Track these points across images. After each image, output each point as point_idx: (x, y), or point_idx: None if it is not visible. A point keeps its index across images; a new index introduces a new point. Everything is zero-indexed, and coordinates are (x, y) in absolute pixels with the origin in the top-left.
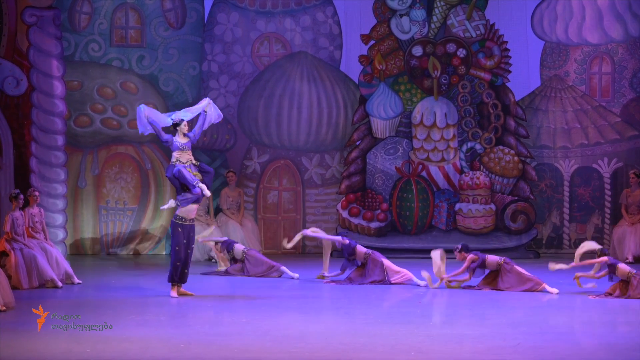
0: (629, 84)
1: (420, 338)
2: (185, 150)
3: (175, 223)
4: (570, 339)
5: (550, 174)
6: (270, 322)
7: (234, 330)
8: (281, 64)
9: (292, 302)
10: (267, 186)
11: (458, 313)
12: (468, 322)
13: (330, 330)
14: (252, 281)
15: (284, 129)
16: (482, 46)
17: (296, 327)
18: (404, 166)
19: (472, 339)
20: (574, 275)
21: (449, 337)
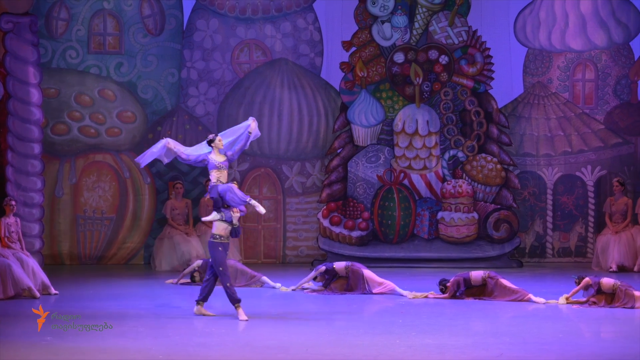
0: (613, 91)
1: (402, 348)
2: (222, 169)
3: (215, 243)
4: (554, 349)
5: (533, 182)
6: (250, 332)
7: (214, 341)
8: (261, 71)
9: (272, 312)
10: (247, 195)
11: (440, 323)
12: (451, 332)
13: (311, 340)
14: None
15: (264, 136)
16: (465, 53)
17: (277, 337)
18: (385, 174)
19: (454, 349)
20: (565, 300)
21: (431, 347)
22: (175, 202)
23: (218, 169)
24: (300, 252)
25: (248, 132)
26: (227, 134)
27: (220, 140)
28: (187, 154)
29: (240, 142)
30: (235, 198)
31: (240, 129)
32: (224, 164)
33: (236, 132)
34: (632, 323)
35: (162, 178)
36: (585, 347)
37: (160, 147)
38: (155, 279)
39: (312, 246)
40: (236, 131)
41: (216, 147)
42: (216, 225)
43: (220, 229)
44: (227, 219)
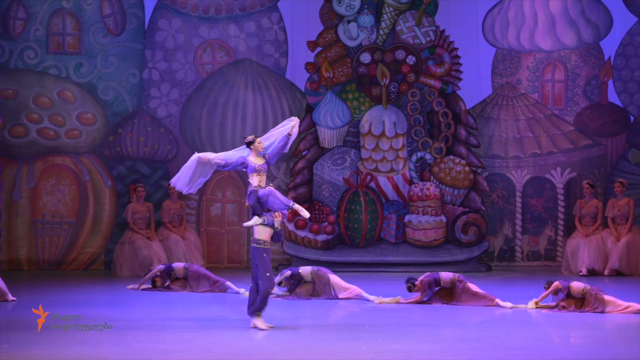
0: (583, 91)
1: (369, 355)
2: (262, 172)
3: (259, 249)
4: (524, 355)
5: (502, 184)
6: (213, 339)
7: (176, 348)
8: (225, 72)
9: (236, 318)
10: (211, 198)
11: (408, 328)
12: (419, 337)
13: (276, 347)
14: (195, 297)
15: (228, 138)
16: (432, 53)
17: (240, 344)
18: (351, 177)
19: (422, 355)
20: (535, 304)
21: (399, 353)
22: (136, 205)
23: (257, 172)
24: None
25: (287, 134)
26: (268, 137)
27: (260, 143)
28: (225, 160)
29: (278, 143)
30: (277, 202)
31: (281, 132)
32: (263, 167)
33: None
34: (603, 328)
35: (123, 181)
36: (555, 352)
37: (191, 164)
38: (116, 284)
39: (277, 250)
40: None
41: (255, 149)
42: (258, 230)
43: (263, 234)
44: (269, 223)
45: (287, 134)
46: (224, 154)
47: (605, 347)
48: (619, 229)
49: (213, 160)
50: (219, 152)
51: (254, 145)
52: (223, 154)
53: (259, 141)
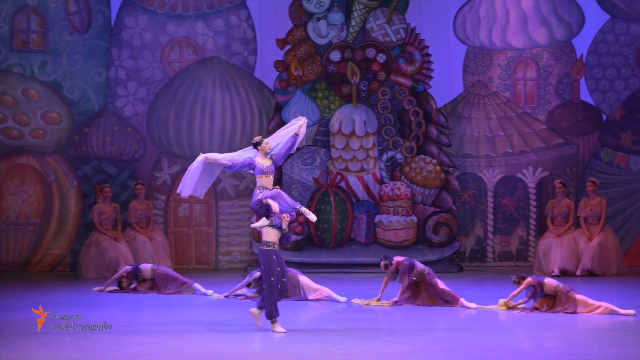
0: (555, 90)
1: (339, 357)
2: (269, 175)
3: (267, 251)
4: (496, 356)
5: (474, 184)
6: (181, 341)
7: (143, 351)
8: (193, 70)
9: (205, 321)
10: (178, 199)
11: (379, 330)
12: (389, 339)
13: (245, 349)
14: (163, 298)
15: (196, 138)
16: (403, 51)
17: (209, 347)
18: (321, 177)
19: (393, 357)
20: (506, 304)
21: (370, 355)
22: (103, 206)
23: (265, 174)
24: (234, 257)
25: (295, 134)
26: (275, 137)
27: (267, 143)
28: (232, 161)
29: (285, 144)
30: (284, 204)
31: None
32: (270, 169)
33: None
34: (574, 329)
35: (89, 181)
36: (527, 354)
37: (198, 165)
38: (82, 286)
39: (246, 251)
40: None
41: (262, 150)
42: (266, 231)
43: (271, 236)
44: (277, 225)
45: (295, 133)
46: (231, 155)
47: (577, 348)
48: (591, 228)
49: (220, 160)
50: (186, 151)
51: (261, 146)
52: (230, 154)
53: (267, 142)
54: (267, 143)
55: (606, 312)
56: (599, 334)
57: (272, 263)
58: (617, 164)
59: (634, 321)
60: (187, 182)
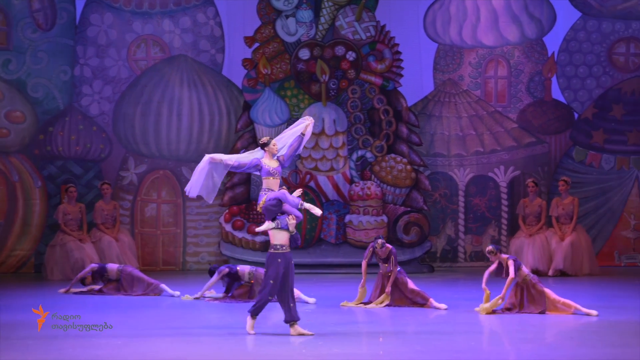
0: (526, 88)
1: (309, 358)
2: (276, 176)
3: (274, 254)
4: (468, 357)
5: (445, 183)
6: (148, 344)
7: (108, 353)
8: (159, 68)
9: (172, 323)
10: (145, 198)
11: (349, 331)
12: (360, 341)
13: (213, 352)
14: (130, 300)
15: (163, 137)
16: (373, 49)
17: (176, 350)
18: (290, 176)
19: (363, 359)
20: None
21: (340, 356)
22: (68, 206)
23: (272, 175)
24: (202, 258)
25: (301, 134)
26: (281, 138)
27: (275, 145)
28: (238, 161)
29: (291, 144)
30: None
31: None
32: (277, 170)
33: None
34: (547, 330)
35: (54, 181)
36: (499, 354)
37: (204, 166)
38: (47, 288)
39: (214, 252)
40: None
41: (270, 151)
42: (273, 234)
43: (279, 238)
44: (283, 227)
45: (301, 133)
46: (237, 156)
47: (549, 349)
48: (563, 228)
49: (225, 161)
50: (153, 150)
51: (269, 147)
52: (236, 155)
53: (274, 143)
54: (274, 144)
55: (570, 312)
56: (571, 334)
57: (277, 266)
58: (589, 163)
59: (606, 322)
60: (194, 183)
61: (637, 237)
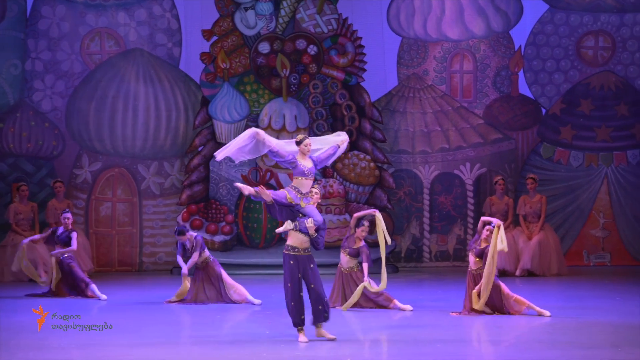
0: (492, 83)
1: None
2: (309, 177)
3: (286, 255)
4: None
5: (409, 181)
6: (103, 348)
7: (60, 357)
8: (114, 63)
9: (128, 326)
10: (100, 197)
11: (310, 333)
12: (322, 343)
13: (171, 355)
14: (80, 302)
15: (118, 134)
16: (335, 42)
17: (133, 352)
18: (250, 174)
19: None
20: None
21: (298, 358)
22: (19, 205)
23: (305, 176)
24: (159, 259)
25: (337, 145)
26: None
27: (308, 145)
28: (278, 149)
29: (327, 150)
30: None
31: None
32: (311, 171)
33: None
34: (512, 331)
35: (4, 180)
36: (466, 355)
37: (247, 138)
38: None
39: (172, 252)
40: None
41: (302, 150)
42: (290, 234)
43: (294, 239)
44: (302, 229)
45: (337, 144)
46: (277, 141)
47: (517, 351)
48: (531, 227)
49: (267, 142)
50: (108, 147)
51: (301, 146)
52: (276, 141)
53: (308, 143)
54: (308, 144)
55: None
56: (539, 336)
57: (290, 268)
58: (557, 160)
59: (575, 323)
60: (229, 148)
61: (606, 236)
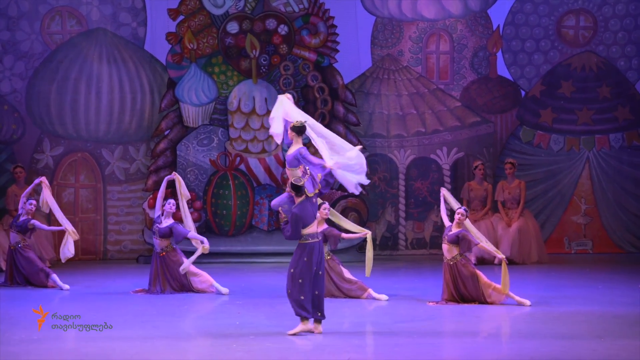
0: (470, 64)
1: (239, 353)
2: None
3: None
4: (407, 352)
5: (384, 166)
6: (61, 341)
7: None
8: (76, 43)
9: (92, 318)
10: (62, 183)
11: (283, 324)
12: (292, 335)
13: (138, 347)
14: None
15: (81, 117)
16: (306, 22)
17: (101, 344)
18: (219, 159)
19: (297, 354)
20: None
21: (272, 351)
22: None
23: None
24: (124, 247)
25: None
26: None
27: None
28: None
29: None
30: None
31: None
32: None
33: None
34: (494, 320)
35: None
36: (443, 349)
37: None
38: None
39: (137, 240)
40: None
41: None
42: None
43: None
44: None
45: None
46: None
47: (495, 342)
48: (510, 213)
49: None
50: (70, 131)
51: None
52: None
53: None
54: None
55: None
56: (518, 326)
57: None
58: (537, 144)
59: (556, 313)
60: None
61: (588, 223)
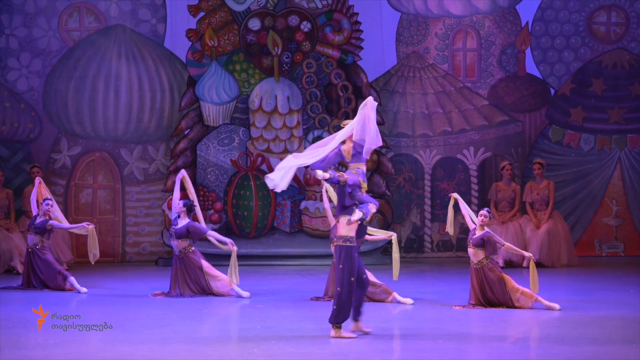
0: (497, 61)
1: (260, 358)
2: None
3: (348, 247)
4: (433, 356)
5: (409, 166)
6: (80, 345)
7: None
8: (94, 40)
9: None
10: (80, 183)
11: (303, 328)
12: (314, 339)
13: (157, 350)
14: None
15: (99, 116)
16: (330, 19)
17: (115, 348)
18: (240, 159)
19: (318, 358)
20: None
21: (294, 356)
22: None
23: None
24: (143, 249)
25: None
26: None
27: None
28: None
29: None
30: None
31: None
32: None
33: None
34: (520, 325)
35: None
36: (468, 354)
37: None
38: None
39: (156, 242)
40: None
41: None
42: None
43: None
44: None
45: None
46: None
47: (524, 347)
48: (539, 215)
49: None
50: (88, 130)
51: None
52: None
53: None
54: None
55: (528, 304)
56: (548, 331)
57: (353, 261)
58: (566, 144)
59: (587, 318)
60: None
61: (619, 225)
